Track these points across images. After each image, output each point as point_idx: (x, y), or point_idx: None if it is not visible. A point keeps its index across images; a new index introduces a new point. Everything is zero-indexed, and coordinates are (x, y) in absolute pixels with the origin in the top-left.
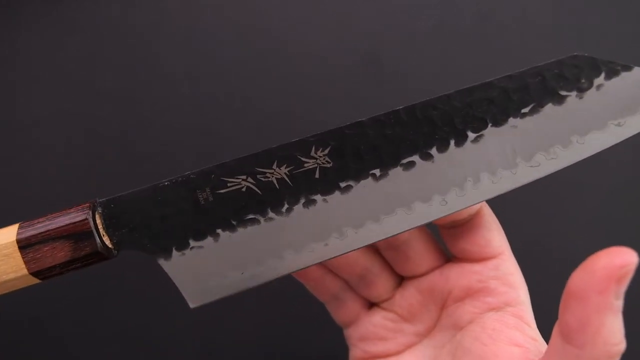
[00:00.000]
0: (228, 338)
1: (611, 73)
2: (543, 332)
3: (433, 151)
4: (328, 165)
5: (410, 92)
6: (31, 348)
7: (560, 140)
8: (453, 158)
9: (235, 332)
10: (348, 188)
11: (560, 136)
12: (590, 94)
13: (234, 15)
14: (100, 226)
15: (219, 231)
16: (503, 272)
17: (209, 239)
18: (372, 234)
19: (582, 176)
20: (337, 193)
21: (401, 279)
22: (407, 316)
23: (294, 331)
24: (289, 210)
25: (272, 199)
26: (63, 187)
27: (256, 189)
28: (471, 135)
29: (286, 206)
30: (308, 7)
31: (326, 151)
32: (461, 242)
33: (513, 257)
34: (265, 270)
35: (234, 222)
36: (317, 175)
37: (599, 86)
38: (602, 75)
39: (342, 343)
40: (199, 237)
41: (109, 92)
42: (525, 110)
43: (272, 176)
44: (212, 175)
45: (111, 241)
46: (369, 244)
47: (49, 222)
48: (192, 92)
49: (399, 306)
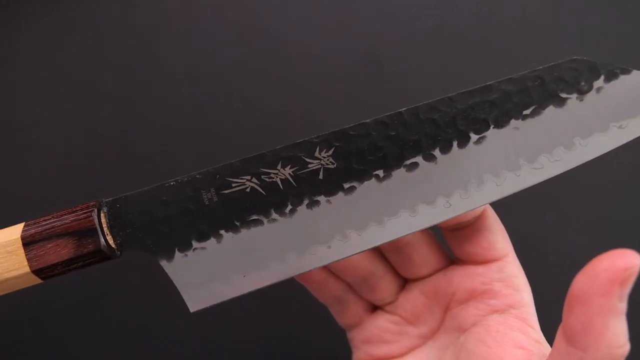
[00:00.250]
0: (228, 338)
1: (610, 76)
2: (544, 333)
3: (436, 152)
4: (332, 166)
5: (410, 92)
6: (31, 348)
7: (562, 142)
8: (456, 159)
9: (235, 332)
10: (352, 189)
11: (562, 138)
12: (590, 97)
13: (234, 15)
14: (104, 225)
15: (222, 232)
16: (507, 275)
17: (212, 240)
18: (376, 237)
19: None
20: (341, 194)
21: (404, 282)
22: (411, 319)
23: (294, 331)
24: (293, 211)
25: (276, 200)
26: (63, 187)
27: (260, 190)
28: (474, 136)
29: (289, 207)
30: (308, 7)
31: (330, 152)
32: (465, 245)
33: (517, 260)
34: (267, 273)
35: (237, 223)
36: (321, 176)
37: (599, 89)
38: (602, 78)
39: (343, 343)
40: (202, 238)
41: (109, 92)
42: (526, 112)
43: (277, 177)
44: (217, 175)
45: (114, 241)
46: (373, 247)
47: (54, 220)
48: (192, 92)
49: (403, 309)
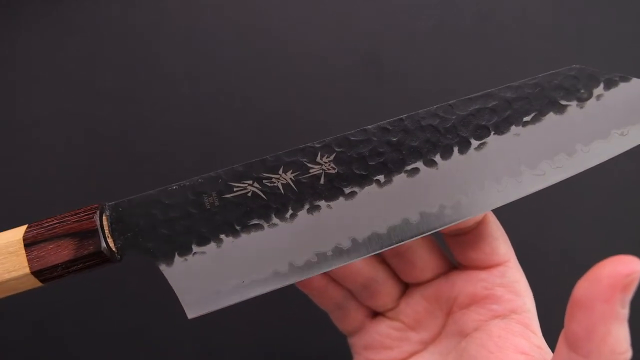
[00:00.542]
0: (228, 338)
1: (610, 84)
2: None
3: (437, 158)
4: (333, 171)
5: (410, 92)
6: (31, 348)
7: (564, 148)
8: (457, 165)
9: (235, 332)
10: (352, 194)
11: (564, 144)
12: (590, 104)
13: (234, 15)
14: (106, 228)
15: (222, 236)
16: (509, 280)
17: (212, 245)
18: (377, 243)
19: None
20: (342, 199)
21: (405, 288)
22: (413, 324)
23: (294, 332)
24: (293, 216)
25: (277, 205)
26: (63, 187)
27: (261, 194)
28: (474, 142)
29: (290, 212)
30: (308, 7)
31: (331, 157)
32: (467, 250)
33: (519, 265)
34: (266, 279)
35: (238, 228)
36: (322, 181)
37: (599, 96)
38: (601, 85)
39: (342, 344)
40: (202, 242)
41: (109, 92)
42: (526, 118)
43: (278, 181)
44: (220, 180)
45: (115, 244)
46: (374, 253)
47: (57, 221)
48: (192, 92)
49: (405, 314)
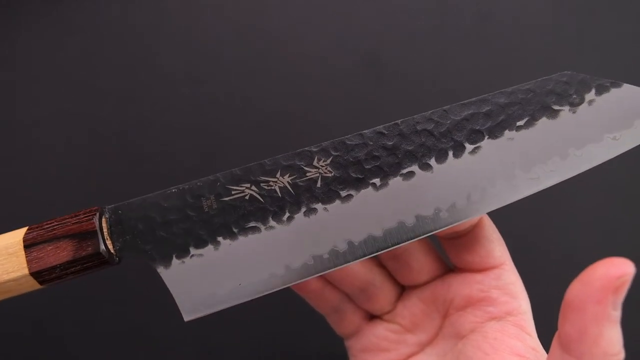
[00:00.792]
0: (228, 338)
1: (601, 89)
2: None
3: (432, 162)
4: (330, 174)
5: (410, 92)
6: (31, 348)
7: (557, 152)
8: (452, 169)
9: (235, 332)
10: (349, 197)
11: (557, 148)
12: (583, 109)
13: (234, 15)
14: (105, 230)
15: (220, 239)
16: (504, 282)
17: (210, 247)
18: (373, 245)
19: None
20: (338, 202)
21: (402, 290)
22: (410, 326)
23: (294, 331)
24: (290, 218)
25: (274, 208)
26: (63, 187)
27: (259, 197)
28: (469, 146)
29: (287, 214)
30: (308, 7)
31: (328, 161)
32: (463, 253)
33: (514, 267)
34: (262, 281)
35: (235, 230)
36: (319, 184)
37: (591, 101)
38: (593, 91)
39: (342, 344)
40: (200, 245)
41: (109, 92)
42: (520, 123)
43: (275, 184)
44: (218, 183)
45: (114, 246)
46: (370, 256)
47: (56, 223)
48: (192, 92)
49: (402, 316)
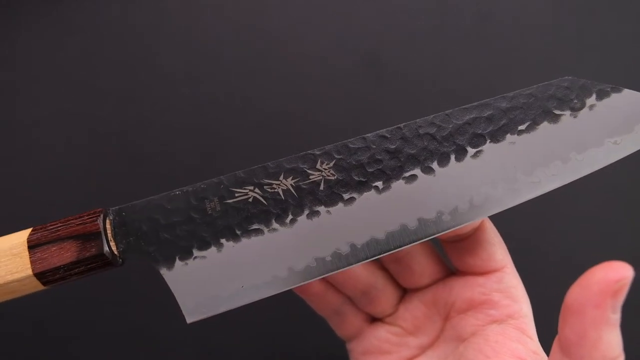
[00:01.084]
0: (228, 338)
1: (602, 94)
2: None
3: (434, 165)
4: (332, 177)
5: (410, 92)
6: (31, 348)
7: (559, 156)
8: (454, 172)
9: (235, 332)
10: (351, 200)
11: (558, 152)
12: (584, 113)
13: (234, 15)
14: (109, 231)
15: (223, 241)
16: (506, 285)
17: (213, 249)
18: (375, 248)
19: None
20: (341, 205)
21: (404, 293)
22: (412, 329)
23: (294, 331)
24: (293, 221)
25: (277, 210)
26: (63, 187)
27: (262, 200)
28: (471, 150)
29: (290, 217)
30: (308, 7)
31: (331, 164)
32: (464, 256)
33: (515, 271)
34: (265, 284)
35: (239, 232)
36: (322, 187)
37: (592, 106)
38: (594, 96)
39: (342, 344)
40: (203, 247)
41: (109, 92)
42: (521, 127)
43: (279, 187)
44: (222, 185)
45: (117, 248)
46: (373, 259)
47: (61, 224)
48: (192, 92)
49: (403, 319)
